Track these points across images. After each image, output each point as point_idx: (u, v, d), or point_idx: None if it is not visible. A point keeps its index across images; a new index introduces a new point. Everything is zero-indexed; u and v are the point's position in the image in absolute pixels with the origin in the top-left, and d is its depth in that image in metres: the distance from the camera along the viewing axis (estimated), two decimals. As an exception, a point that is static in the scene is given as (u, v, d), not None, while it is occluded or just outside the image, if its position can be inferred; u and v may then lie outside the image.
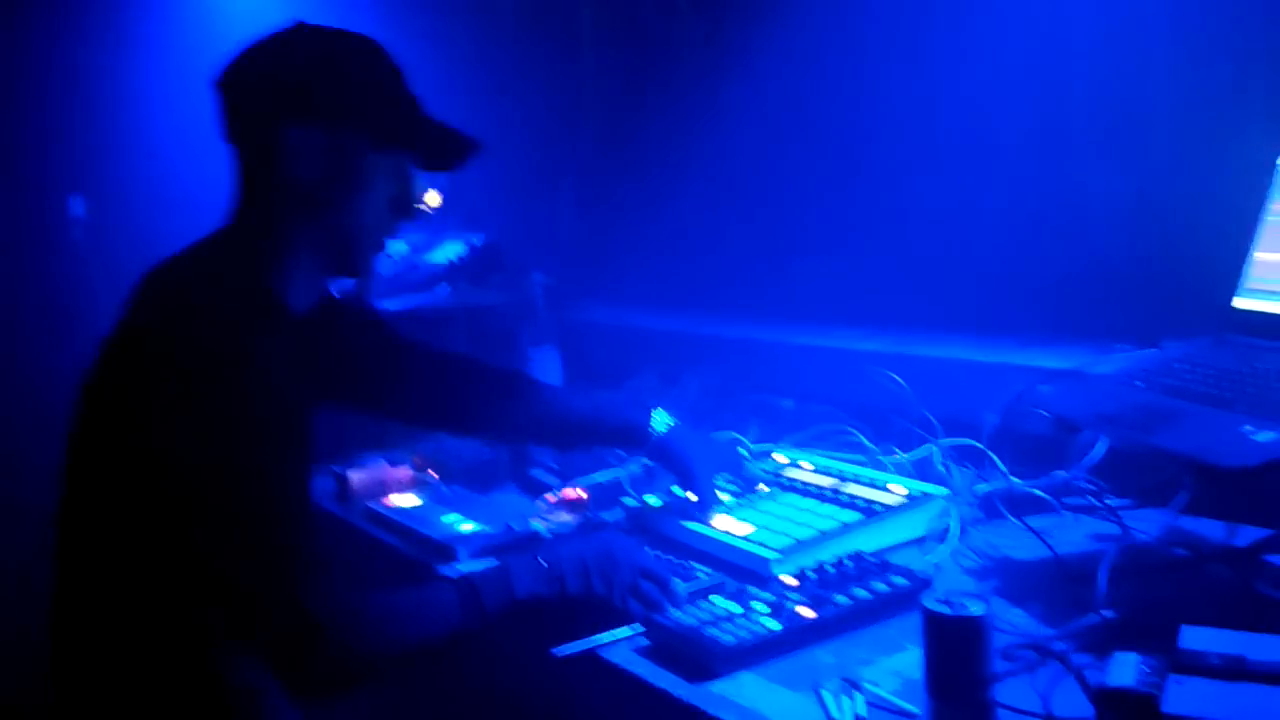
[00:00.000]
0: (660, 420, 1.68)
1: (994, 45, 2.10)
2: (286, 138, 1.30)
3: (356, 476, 1.98)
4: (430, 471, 2.03)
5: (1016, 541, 1.52)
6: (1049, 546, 1.42)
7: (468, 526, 1.65)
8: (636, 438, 1.68)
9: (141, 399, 1.21)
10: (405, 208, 1.40)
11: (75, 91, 3.38)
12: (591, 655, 1.31)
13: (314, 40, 1.35)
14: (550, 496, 1.85)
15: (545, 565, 1.36)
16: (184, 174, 1.42)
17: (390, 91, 1.37)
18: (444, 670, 1.58)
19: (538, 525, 1.72)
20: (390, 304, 2.58)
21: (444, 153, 1.41)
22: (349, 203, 1.34)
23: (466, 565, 1.60)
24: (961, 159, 2.18)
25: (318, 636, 1.19)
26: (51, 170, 3.39)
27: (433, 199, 3.36)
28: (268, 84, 1.32)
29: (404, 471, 2.01)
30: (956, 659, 0.99)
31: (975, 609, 0.98)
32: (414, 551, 1.72)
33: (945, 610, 0.99)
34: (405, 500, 1.90)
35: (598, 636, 1.33)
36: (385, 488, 1.96)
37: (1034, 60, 2.06)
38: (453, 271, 2.76)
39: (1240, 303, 1.51)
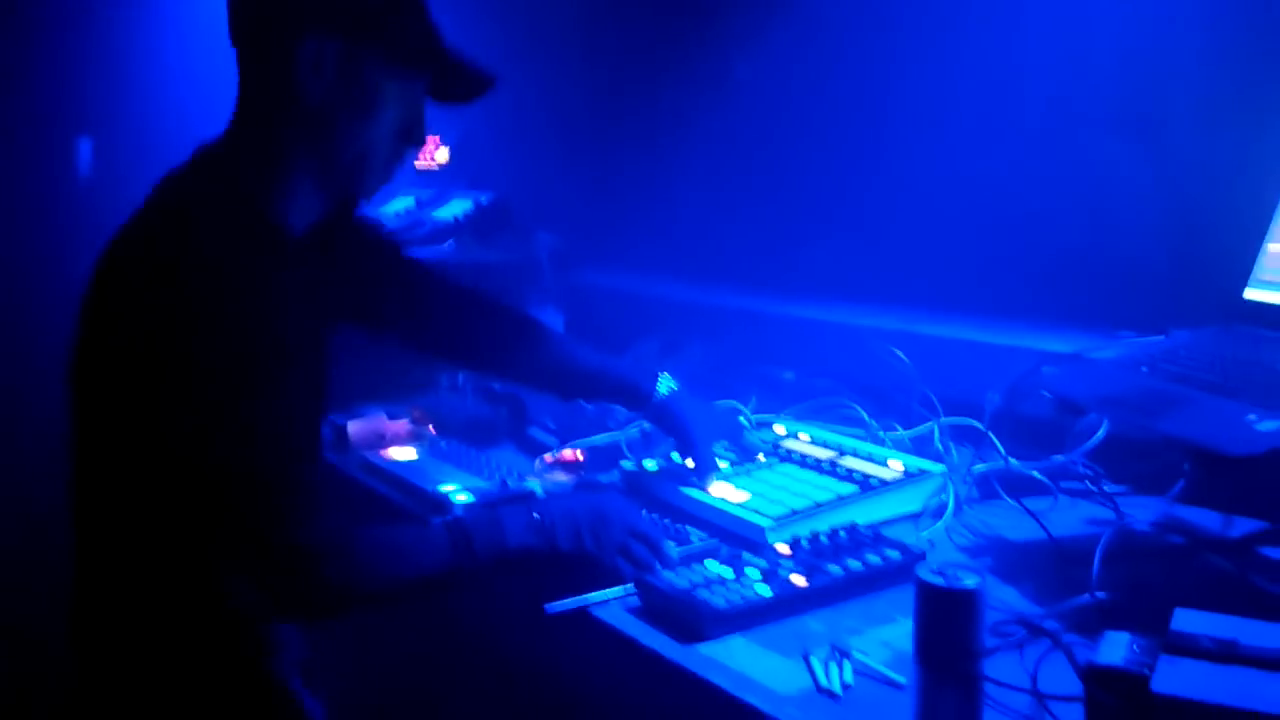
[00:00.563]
0: (664, 384, 1.67)
1: (1014, 23, 2.08)
2: (300, 47, 1.25)
3: (354, 427, 1.97)
4: (428, 426, 2.03)
5: (1011, 522, 1.52)
6: (1044, 528, 1.42)
7: (462, 498, 1.64)
8: (639, 397, 1.68)
9: (138, 323, 1.19)
10: (414, 136, 1.36)
11: (88, 30, 3.34)
12: (582, 613, 1.31)
13: None
14: (547, 456, 1.85)
15: (538, 518, 1.36)
16: (196, 115, 1.39)
17: (412, 13, 1.33)
18: (437, 622, 1.59)
19: (533, 484, 1.72)
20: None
21: (459, 83, 1.37)
22: (357, 124, 1.30)
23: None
24: (975, 137, 2.16)
25: (309, 564, 1.20)
26: (61, 111, 3.36)
27: (441, 155, 3.35)
28: None
29: (402, 424, 2.01)
30: (948, 630, 0.99)
31: (969, 581, 0.97)
32: (408, 504, 1.72)
33: (939, 581, 0.98)
34: (402, 453, 1.90)
35: (589, 595, 1.33)
36: (383, 440, 1.96)
37: (1054, 40, 2.04)
38: (459, 228, 2.76)
39: (1251, 294, 1.50)
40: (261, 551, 1.21)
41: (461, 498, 1.64)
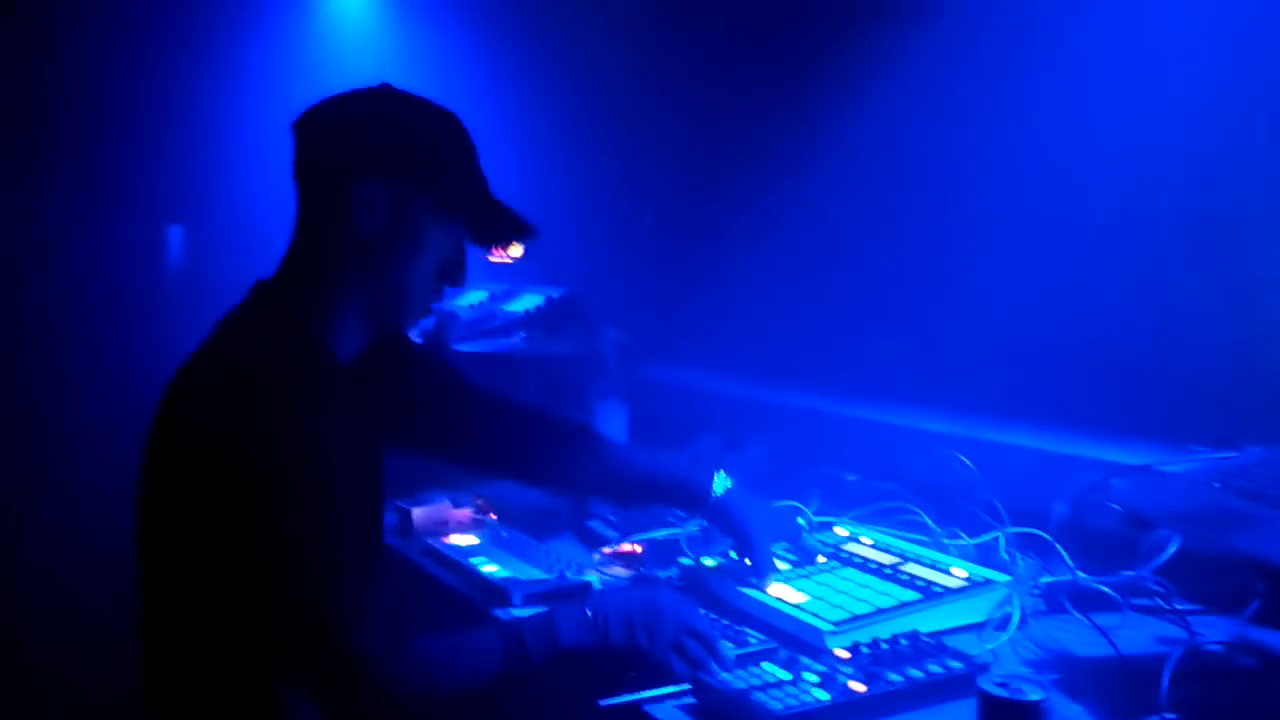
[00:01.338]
0: (720, 483, 1.68)
1: (1084, 130, 2.10)
2: (356, 189, 1.34)
3: (419, 513, 2.01)
4: (491, 514, 2.05)
5: (1078, 637, 1.49)
6: (1112, 644, 1.39)
7: (490, 568, 1.66)
8: (696, 498, 1.68)
9: (198, 445, 1.26)
10: (454, 275, 1.45)
11: (177, 123, 3.52)
12: (636, 709, 1.31)
13: (397, 102, 1.41)
14: (606, 549, 1.86)
15: (590, 615, 1.36)
16: (271, 210, 1.47)
17: (461, 164, 1.42)
18: (489, 713, 1.58)
19: (591, 577, 1.73)
20: (466, 348, 2.62)
21: (499, 231, 1.46)
22: (402, 261, 1.38)
23: (517, 611, 1.61)
24: (1043, 244, 2.17)
25: (363, 677, 1.23)
26: (153, 200, 3.52)
27: (515, 251, 3.43)
28: (345, 134, 1.37)
29: (465, 512, 2.04)
30: (1010, 745, 0.97)
31: (1034, 694, 0.96)
32: (469, 591, 1.74)
33: (1003, 694, 0.97)
34: (464, 540, 1.92)
35: (644, 692, 1.32)
36: (446, 526, 1.98)
37: (1124, 148, 2.05)
38: (529, 321, 2.81)
39: (1326, 411, 1.47)
40: (318, 664, 1.24)
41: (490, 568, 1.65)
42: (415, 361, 1.65)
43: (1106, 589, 1.55)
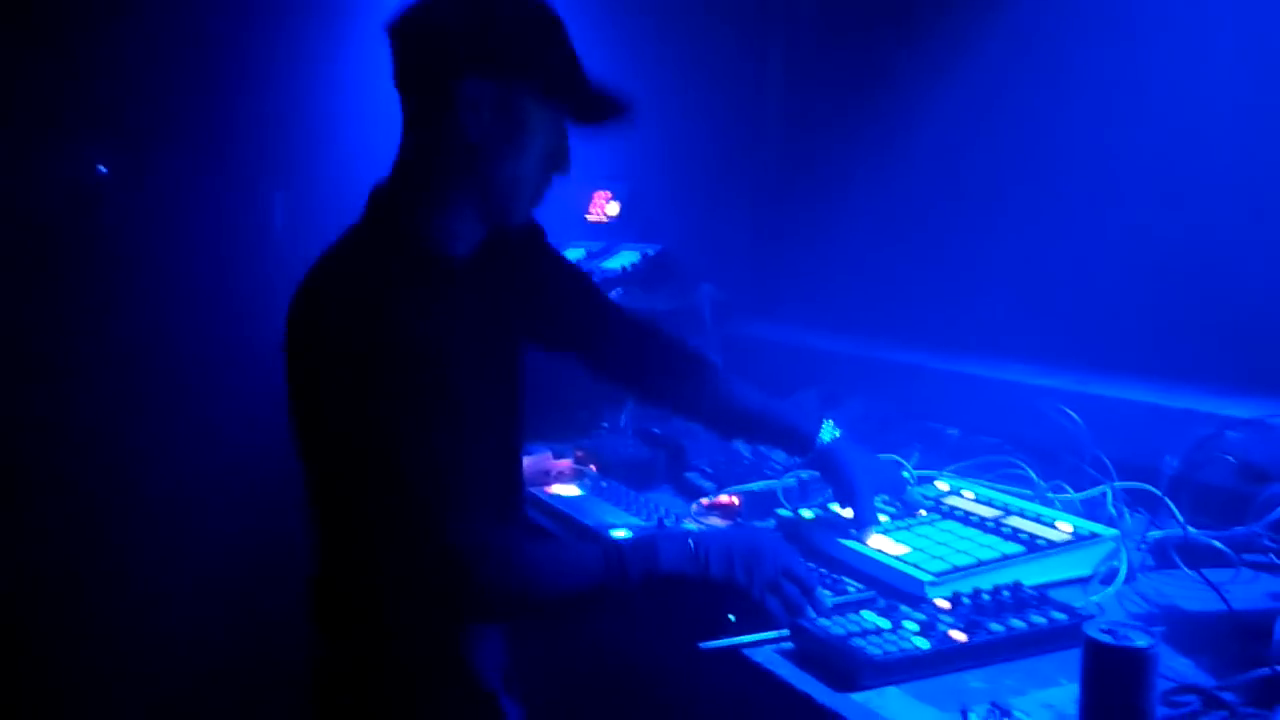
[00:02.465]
0: (828, 431, 1.68)
1: (1196, 72, 2.02)
2: (462, 87, 1.35)
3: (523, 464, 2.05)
4: (591, 465, 2.09)
5: (1187, 592, 1.46)
6: (1224, 599, 1.36)
7: (620, 533, 1.68)
8: (802, 442, 1.68)
9: (324, 350, 1.32)
10: (560, 163, 1.45)
11: (284, 91, 3.61)
12: (736, 653, 1.32)
13: None
14: (704, 500, 1.88)
15: (692, 545, 1.37)
16: (370, 173, 1.51)
17: (558, 48, 1.42)
18: (592, 654, 1.62)
19: (690, 526, 1.75)
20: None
21: (602, 108, 1.45)
22: (510, 155, 1.39)
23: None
24: (1155, 191, 2.10)
25: (465, 564, 1.26)
26: (258, 168, 3.63)
27: (611, 208, 3.45)
28: (445, 35, 1.37)
29: (566, 463, 2.08)
30: (1117, 693, 0.96)
31: (1140, 641, 0.95)
32: (570, 538, 1.77)
33: (1109, 640, 0.96)
34: (566, 490, 1.96)
35: (744, 636, 1.34)
36: (548, 477, 2.03)
37: (1240, 90, 1.97)
38: (625, 278, 2.83)
39: None
40: (417, 555, 1.28)
41: (619, 533, 1.69)
42: (549, 258, 1.68)
43: (1218, 544, 1.51)
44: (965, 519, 1.69)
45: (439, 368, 1.30)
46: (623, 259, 2.95)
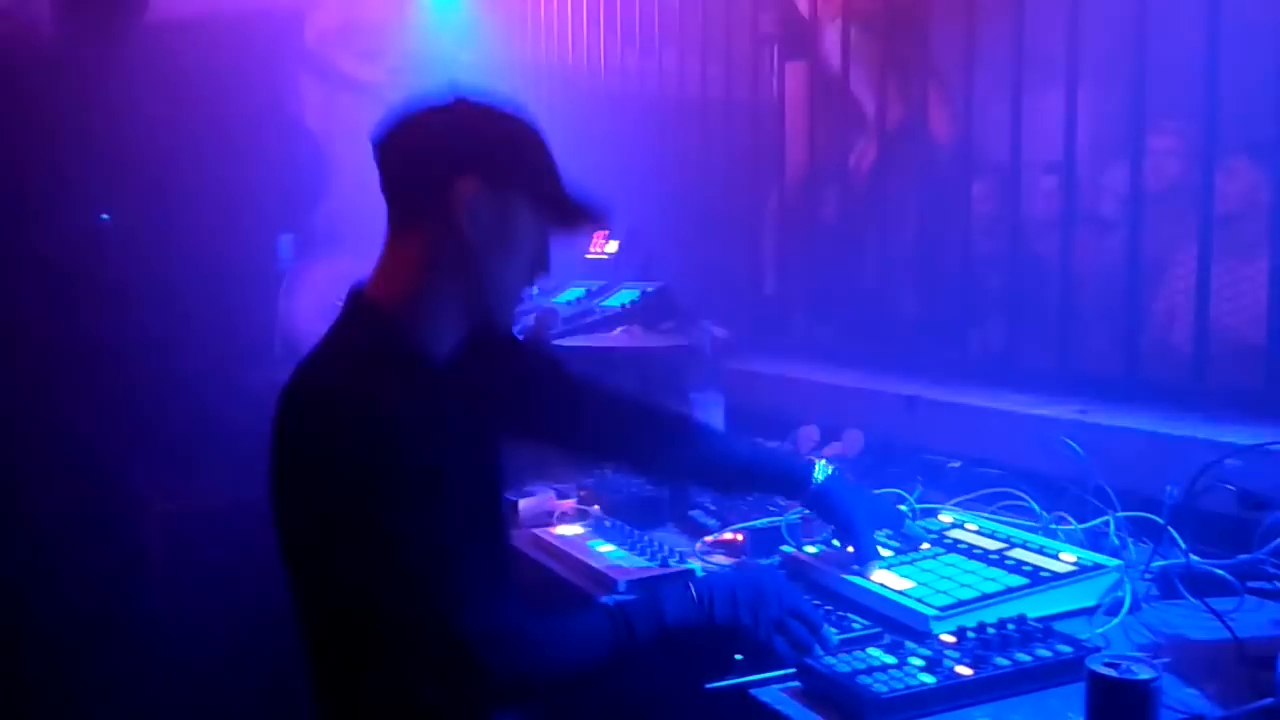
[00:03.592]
0: (820, 470, 1.68)
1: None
2: (458, 200, 1.39)
3: (525, 504, 2.06)
4: (594, 505, 2.09)
5: (1192, 621, 1.46)
6: (1229, 628, 1.36)
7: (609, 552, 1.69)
8: (797, 485, 1.69)
9: (309, 454, 1.34)
10: (543, 265, 1.50)
11: (287, 135, 3.65)
12: (742, 692, 1.32)
13: (480, 111, 1.45)
14: (708, 538, 1.88)
15: (694, 593, 1.38)
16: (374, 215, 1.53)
17: (546, 160, 1.48)
18: (598, 697, 1.62)
19: (694, 565, 1.75)
20: (565, 343, 2.67)
21: (582, 218, 1.50)
22: (501, 261, 1.44)
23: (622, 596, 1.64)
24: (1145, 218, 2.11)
25: (473, 663, 1.27)
26: (264, 213, 3.66)
27: (610, 246, 3.48)
28: (442, 146, 1.42)
29: (569, 503, 2.08)
30: (1121, 726, 0.97)
31: (1144, 674, 0.95)
32: (574, 579, 1.78)
33: (1112, 673, 0.96)
34: (569, 530, 1.96)
35: (751, 676, 1.34)
36: (551, 517, 2.03)
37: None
38: (626, 316, 2.84)
39: None
40: (429, 653, 1.29)
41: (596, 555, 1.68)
42: (520, 355, 1.71)
43: (1222, 572, 1.51)
44: (968, 552, 1.69)
45: (432, 465, 1.32)
46: (622, 297, 2.97)
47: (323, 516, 1.32)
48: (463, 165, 1.40)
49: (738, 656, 1.37)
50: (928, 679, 1.26)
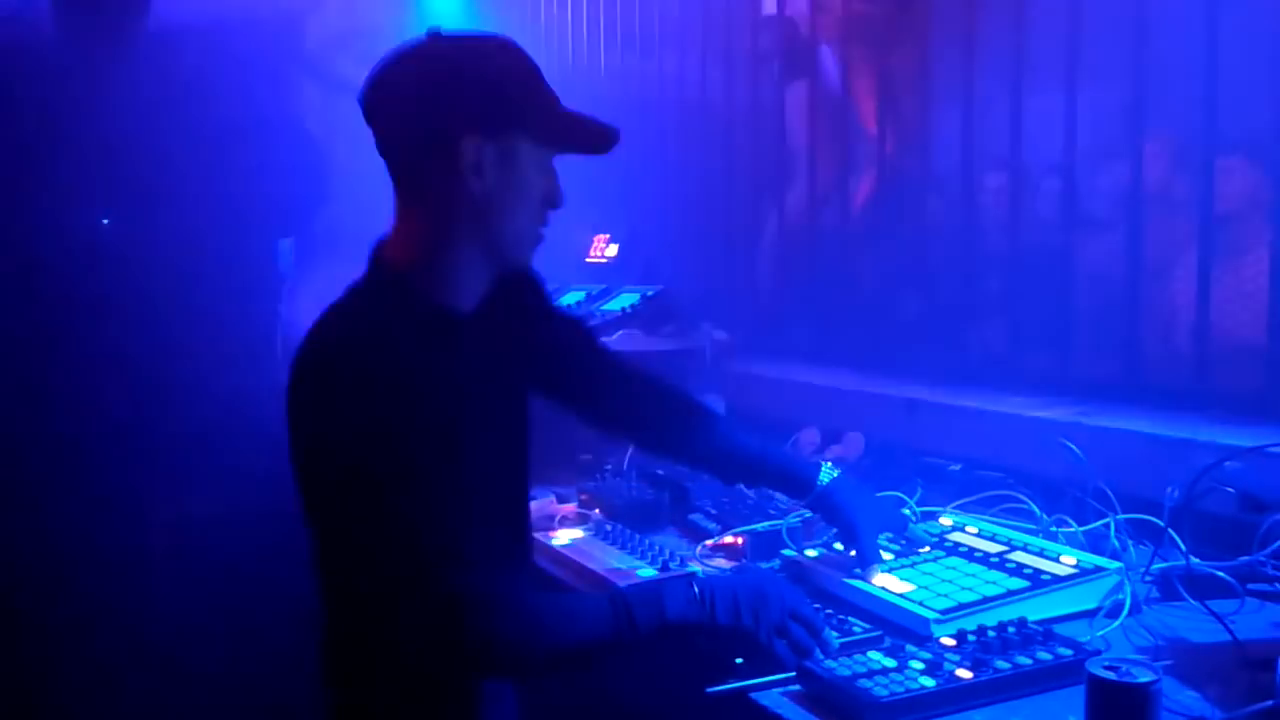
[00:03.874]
0: (826, 472, 1.68)
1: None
2: (461, 151, 1.36)
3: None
4: (595, 510, 2.09)
5: (1193, 623, 1.46)
6: (1229, 629, 1.36)
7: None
8: (801, 485, 1.69)
9: (319, 417, 1.33)
10: (556, 197, 1.46)
11: (288, 139, 3.65)
12: (743, 696, 1.32)
13: (460, 50, 1.40)
14: (709, 541, 1.88)
15: (697, 592, 1.37)
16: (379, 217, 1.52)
17: (540, 91, 1.43)
18: (598, 696, 1.62)
19: (694, 568, 1.75)
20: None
21: (590, 137, 1.46)
22: (514, 203, 1.41)
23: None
24: (1149, 217, 2.11)
25: (469, 623, 1.25)
26: (264, 218, 3.66)
27: (611, 250, 3.48)
28: (434, 101, 1.37)
29: (570, 507, 2.08)
30: (1121, 729, 0.97)
31: (1143, 677, 0.95)
32: (575, 582, 1.78)
33: (1111, 676, 0.96)
34: (570, 534, 1.96)
35: (751, 679, 1.34)
36: (552, 521, 2.03)
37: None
38: (626, 319, 2.84)
39: None
40: (425, 603, 1.27)
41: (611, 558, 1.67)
42: (553, 318, 1.70)
43: (1222, 574, 1.51)
44: (969, 555, 1.69)
45: (446, 423, 1.31)
46: (623, 300, 2.97)
47: (337, 469, 1.30)
48: (458, 122, 1.36)
49: (738, 660, 1.37)
50: (928, 682, 1.26)
